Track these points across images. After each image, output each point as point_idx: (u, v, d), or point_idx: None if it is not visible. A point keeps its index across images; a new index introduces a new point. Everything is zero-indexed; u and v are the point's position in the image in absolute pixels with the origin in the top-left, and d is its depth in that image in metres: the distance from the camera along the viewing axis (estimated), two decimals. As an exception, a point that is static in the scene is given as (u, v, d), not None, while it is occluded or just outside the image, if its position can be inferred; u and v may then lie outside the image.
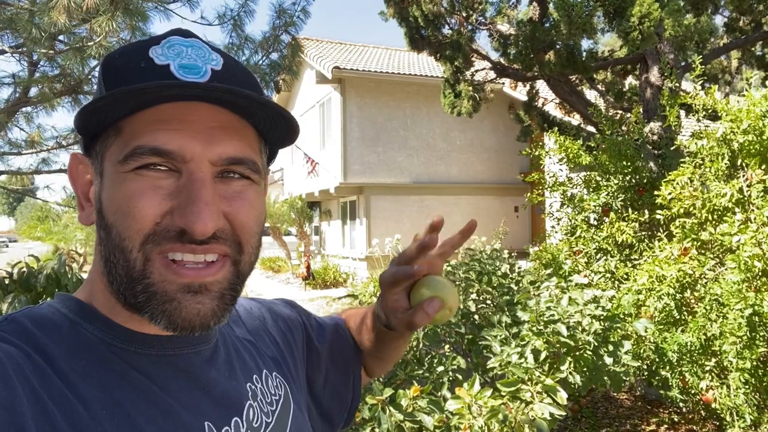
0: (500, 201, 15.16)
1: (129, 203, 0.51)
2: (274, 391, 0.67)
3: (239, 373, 0.64)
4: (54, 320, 0.53)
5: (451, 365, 2.94)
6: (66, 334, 0.52)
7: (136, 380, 0.53)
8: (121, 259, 0.51)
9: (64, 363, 0.49)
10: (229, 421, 0.58)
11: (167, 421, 0.52)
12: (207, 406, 0.57)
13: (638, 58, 5.71)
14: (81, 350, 0.51)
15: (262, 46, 4.88)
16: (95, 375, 0.50)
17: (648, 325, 2.83)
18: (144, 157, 0.51)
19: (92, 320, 0.54)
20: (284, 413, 0.67)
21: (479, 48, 6.42)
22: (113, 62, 0.56)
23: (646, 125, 5.13)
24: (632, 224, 4.10)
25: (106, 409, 0.49)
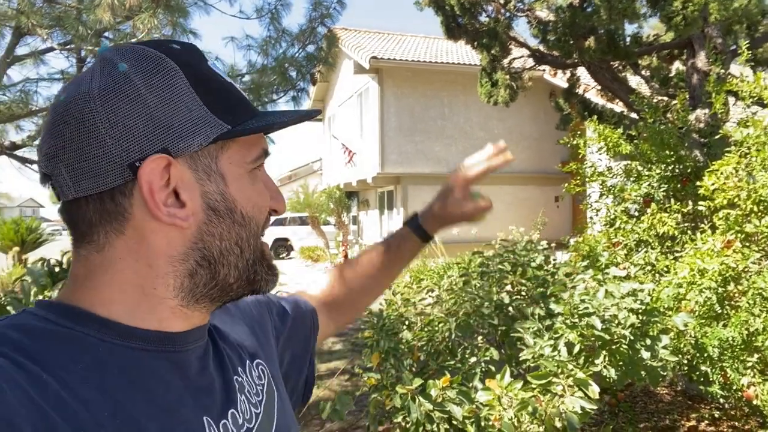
0: (540, 191, 14.91)
1: (260, 198, 0.63)
2: (257, 381, 0.69)
3: (228, 367, 0.65)
4: (40, 326, 0.52)
5: (484, 356, 2.94)
6: (57, 339, 0.51)
7: (135, 378, 0.53)
8: (253, 244, 0.62)
9: (58, 368, 0.48)
10: (227, 414, 0.60)
11: (168, 419, 0.53)
12: (205, 402, 0.58)
13: (684, 42, 5.50)
14: (75, 354, 0.51)
15: (298, 39, 4.93)
16: (93, 377, 0.50)
17: (687, 319, 2.76)
18: (263, 158, 0.63)
19: (85, 322, 0.53)
20: (269, 401, 0.69)
21: (517, 35, 6.31)
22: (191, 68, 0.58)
23: (692, 113, 4.96)
24: (674, 215, 3.98)
25: (108, 411, 0.49)
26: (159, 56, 0.56)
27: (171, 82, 0.56)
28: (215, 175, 0.58)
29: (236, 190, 0.59)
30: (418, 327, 3.12)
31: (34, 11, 3.96)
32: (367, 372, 2.90)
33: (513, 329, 3.00)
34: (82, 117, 0.53)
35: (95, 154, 0.53)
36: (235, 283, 0.61)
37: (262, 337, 0.79)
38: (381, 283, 1.07)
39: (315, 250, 17.44)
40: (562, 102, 7.21)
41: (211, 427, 0.57)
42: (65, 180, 0.54)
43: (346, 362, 5.57)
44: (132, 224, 0.55)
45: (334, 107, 18.53)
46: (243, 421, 0.62)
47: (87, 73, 0.56)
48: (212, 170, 0.58)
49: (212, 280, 0.59)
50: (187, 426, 0.55)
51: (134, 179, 0.54)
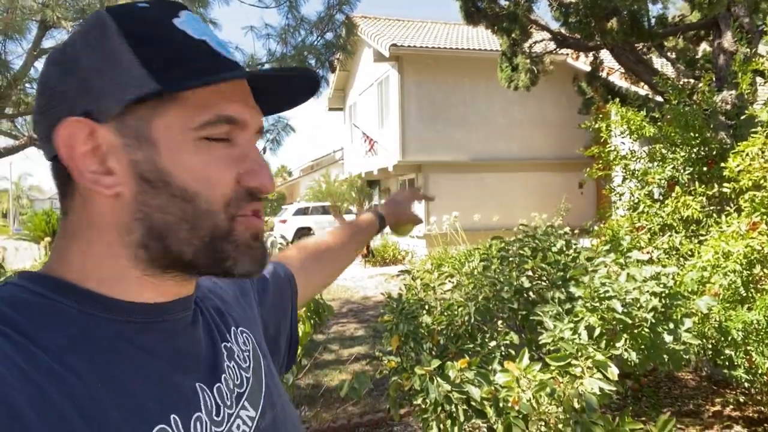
0: (563, 177, 14.71)
1: (210, 171, 0.54)
2: (244, 347, 0.69)
3: (216, 335, 0.65)
4: (25, 298, 0.51)
5: (504, 340, 2.95)
6: (43, 311, 0.50)
7: (124, 348, 0.52)
8: (207, 221, 0.54)
9: (46, 339, 0.47)
10: (220, 378, 0.60)
11: (159, 387, 0.53)
12: (197, 368, 0.58)
13: (711, 22, 5.36)
14: (62, 325, 0.50)
15: (317, 27, 4.94)
16: (81, 347, 0.49)
17: (711, 302, 2.73)
18: (219, 125, 0.55)
19: (69, 294, 0.52)
20: (257, 366, 0.69)
21: (538, 18, 6.22)
22: (139, 29, 0.54)
23: (718, 94, 4.84)
24: (699, 198, 3.91)
25: (99, 378, 0.48)
26: (103, 17, 0.54)
27: (103, 39, 0.53)
28: (145, 141, 0.53)
29: (171, 160, 0.53)
30: (438, 311, 3.13)
31: (58, 4, 4.04)
32: (387, 356, 2.93)
33: (533, 313, 3.00)
34: (43, 80, 0.56)
35: (41, 121, 0.55)
36: (195, 260, 0.55)
37: (246, 305, 0.79)
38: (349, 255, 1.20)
39: (337, 239, 17.49)
40: (585, 86, 7.10)
41: (204, 393, 0.57)
42: (41, 144, 0.57)
43: (367, 347, 5.62)
44: (78, 192, 0.55)
45: (355, 96, 18.52)
46: (234, 386, 0.62)
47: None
48: (142, 136, 0.53)
49: (167, 255, 0.55)
50: (180, 393, 0.55)
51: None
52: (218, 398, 0.58)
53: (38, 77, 0.57)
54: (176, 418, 0.52)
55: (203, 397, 0.57)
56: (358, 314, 7.70)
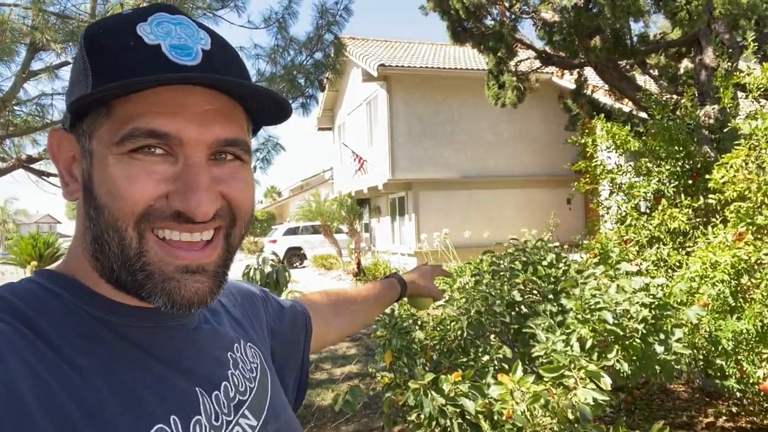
0: (552, 193, 14.84)
1: (122, 186, 0.51)
2: (252, 359, 0.70)
3: (222, 342, 0.66)
4: (39, 294, 0.53)
5: (497, 354, 2.95)
6: (54, 308, 0.52)
7: (128, 350, 0.54)
8: (116, 237, 0.52)
9: (54, 336, 0.49)
10: (219, 386, 0.61)
11: (162, 387, 0.54)
12: (197, 373, 0.59)
13: (692, 39, 5.49)
14: (70, 323, 0.51)
15: (306, 46, 5.00)
16: (87, 346, 0.51)
17: (700, 312, 2.75)
18: (140, 139, 0.51)
19: (78, 293, 0.54)
20: (263, 378, 0.70)
21: (523, 37, 6.34)
22: (98, 38, 0.54)
23: (701, 109, 4.94)
24: (686, 211, 3.97)
25: (103, 378, 0.49)
26: (85, 30, 0.56)
27: (79, 52, 0.55)
28: (87, 152, 0.55)
29: (98, 173, 0.53)
30: (430, 326, 3.13)
31: (48, 27, 4.06)
32: (381, 372, 2.91)
33: (525, 326, 3.01)
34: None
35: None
36: (124, 279, 0.54)
37: (258, 327, 0.80)
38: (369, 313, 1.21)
39: (328, 259, 17.49)
40: (571, 103, 7.21)
41: (204, 398, 0.58)
42: None
43: (360, 366, 5.58)
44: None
45: (344, 116, 18.64)
46: (235, 393, 0.63)
47: None
48: (86, 148, 0.55)
49: (105, 269, 0.55)
50: (181, 395, 0.55)
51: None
52: (216, 405, 0.59)
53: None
54: (176, 419, 0.53)
55: (203, 401, 0.57)
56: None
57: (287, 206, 31.62)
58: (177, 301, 0.53)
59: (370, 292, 1.19)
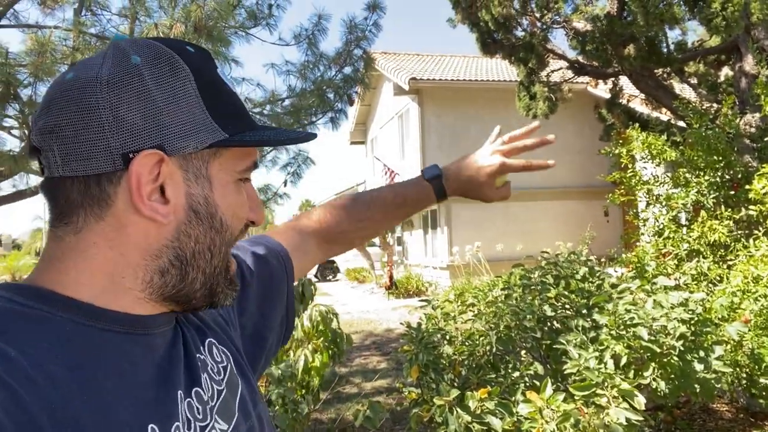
0: (587, 205, 14.54)
1: (241, 208, 0.64)
2: (219, 359, 0.69)
3: (191, 346, 0.65)
4: (6, 306, 0.51)
5: (527, 371, 2.88)
6: (24, 319, 0.51)
7: (103, 358, 0.53)
8: (224, 252, 0.63)
9: (26, 346, 0.48)
10: (191, 392, 0.60)
11: (138, 397, 0.53)
12: (174, 380, 0.58)
13: (731, 46, 5.33)
14: (41, 332, 0.50)
15: (335, 62, 5.05)
16: (60, 355, 0.49)
17: (742, 328, 2.63)
18: (251, 170, 0.65)
19: (51, 302, 0.53)
20: (232, 379, 0.69)
21: (554, 47, 6.26)
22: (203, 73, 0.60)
23: (741, 117, 4.78)
24: (726, 222, 3.82)
25: (78, 386, 0.48)
26: (172, 56, 0.58)
27: (180, 83, 0.57)
28: (203, 179, 0.60)
29: (220, 197, 0.61)
30: (459, 341, 3.08)
31: (88, 48, 4.21)
32: (408, 387, 2.88)
33: (557, 342, 2.93)
34: (86, 101, 0.53)
35: (91, 139, 0.53)
36: (200, 289, 0.61)
37: (221, 318, 0.78)
38: (382, 225, 1.10)
39: (361, 272, 17.52)
40: (605, 112, 7.07)
41: (181, 404, 0.57)
42: (55, 157, 0.54)
43: (390, 380, 5.54)
44: (113, 212, 0.55)
45: (376, 130, 18.75)
46: (207, 398, 0.62)
47: (97, 58, 0.57)
48: (201, 174, 0.59)
49: (181, 282, 0.59)
50: (159, 403, 0.55)
51: (124, 169, 0.54)
52: (188, 412, 0.58)
53: (76, 92, 0.54)
54: (154, 428, 0.52)
55: (181, 408, 0.57)
56: (381, 347, 7.62)
57: (321, 220, 31.82)
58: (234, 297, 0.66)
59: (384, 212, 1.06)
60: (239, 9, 4.82)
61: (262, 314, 0.86)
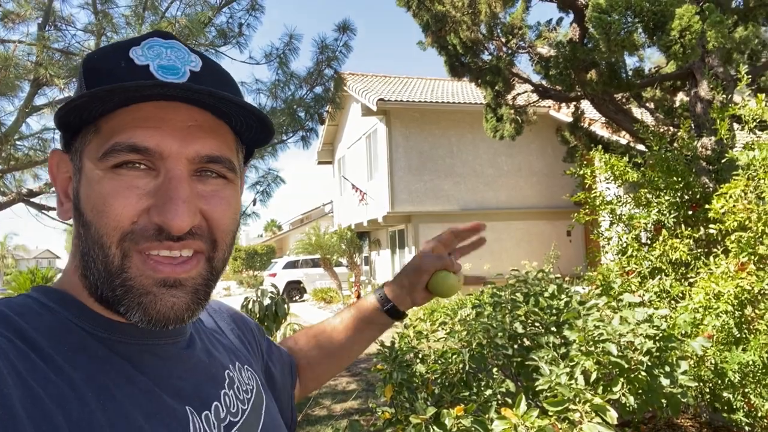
0: (552, 225, 14.87)
1: (105, 202, 0.52)
2: (247, 381, 0.69)
3: (216, 362, 0.65)
4: (33, 308, 0.53)
5: (499, 388, 2.90)
6: (47, 321, 0.52)
7: (119, 365, 0.53)
8: (100, 254, 0.53)
9: (47, 348, 0.49)
10: (209, 406, 0.59)
11: (151, 405, 0.53)
12: (188, 392, 0.58)
13: (686, 73, 5.58)
14: (63, 336, 0.52)
15: (306, 81, 5.07)
16: (79, 360, 0.50)
17: (705, 343, 2.71)
18: (122, 153, 0.52)
19: (71, 309, 0.55)
20: (258, 401, 0.69)
21: (519, 71, 6.44)
22: (93, 62, 0.56)
23: (698, 140, 4.99)
24: (686, 241, 3.96)
25: (93, 392, 0.49)
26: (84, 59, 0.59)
27: (78, 78, 0.58)
28: (77, 170, 0.56)
29: (84, 189, 0.55)
30: (432, 359, 3.08)
31: (52, 63, 4.12)
32: (381, 407, 2.85)
33: (528, 358, 2.96)
34: None
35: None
36: (106, 295, 0.54)
37: (253, 355, 0.79)
38: (344, 358, 1.01)
39: (328, 292, 17.37)
40: (568, 135, 7.28)
41: (194, 417, 0.56)
42: None
43: (360, 402, 5.48)
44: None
45: (344, 150, 18.80)
46: (226, 414, 0.61)
47: None
48: (76, 165, 0.56)
49: (90, 285, 0.55)
50: (171, 413, 0.54)
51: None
52: (205, 425, 0.58)
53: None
54: None
55: (192, 420, 0.56)
56: (350, 367, 7.54)
57: (287, 240, 31.58)
58: (152, 315, 0.53)
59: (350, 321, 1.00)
60: (210, 27, 4.81)
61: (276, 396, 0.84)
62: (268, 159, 5.24)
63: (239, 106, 0.55)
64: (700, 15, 3.77)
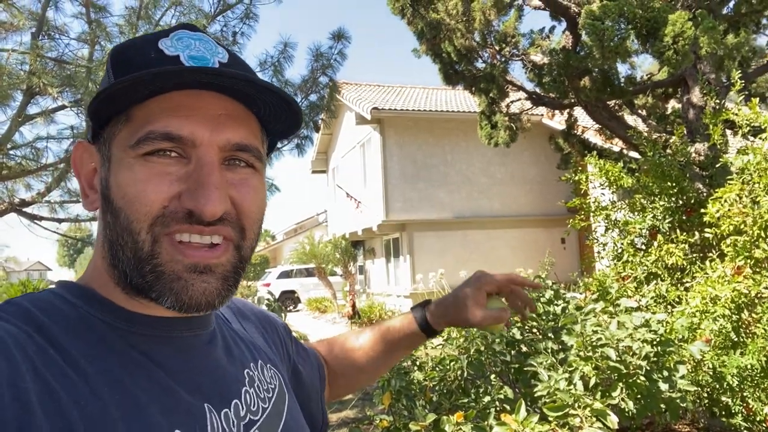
0: (547, 233, 14.90)
1: (137, 188, 0.53)
2: (269, 380, 0.69)
3: (237, 360, 0.65)
4: (54, 303, 0.53)
5: (498, 395, 2.88)
6: (67, 316, 0.52)
7: (137, 360, 0.53)
8: (129, 241, 0.53)
9: (65, 343, 0.49)
10: (229, 403, 0.59)
11: (168, 400, 0.52)
12: (207, 388, 0.58)
13: (678, 79, 5.63)
14: (82, 331, 0.52)
15: (301, 89, 5.07)
16: (97, 354, 0.50)
17: (703, 348, 2.71)
18: (156, 141, 0.53)
19: (92, 302, 0.55)
20: (280, 401, 0.68)
21: (513, 79, 6.48)
22: (123, 53, 0.57)
23: (691, 146, 5.02)
24: (682, 246, 3.97)
25: (109, 386, 0.49)
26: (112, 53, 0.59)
27: (106, 68, 0.58)
28: (107, 160, 0.56)
29: (114, 177, 0.55)
30: (430, 366, 3.07)
31: (45, 72, 4.11)
32: (379, 415, 2.83)
33: (527, 364, 2.95)
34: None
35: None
36: (136, 281, 0.54)
37: (278, 354, 0.79)
38: (379, 368, 1.00)
39: (322, 302, 17.30)
40: (562, 142, 7.31)
41: (212, 414, 0.56)
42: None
43: (356, 411, 5.44)
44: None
45: (338, 158, 18.82)
46: (246, 413, 0.61)
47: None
48: (105, 155, 0.57)
49: (118, 273, 0.55)
50: (188, 410, 0.54)
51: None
52: (224, 423, 0.57)
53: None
54: None
55: (211, 417, 0.56)
56: (345, 377, 7.48)
57: (281, 250, 31.47)
58: (185, 301, 0.53)
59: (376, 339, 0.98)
60: (204, 36, 4.80)
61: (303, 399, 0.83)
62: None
63: (270, 90, 0.56)
64: (693, 21, 3.81)
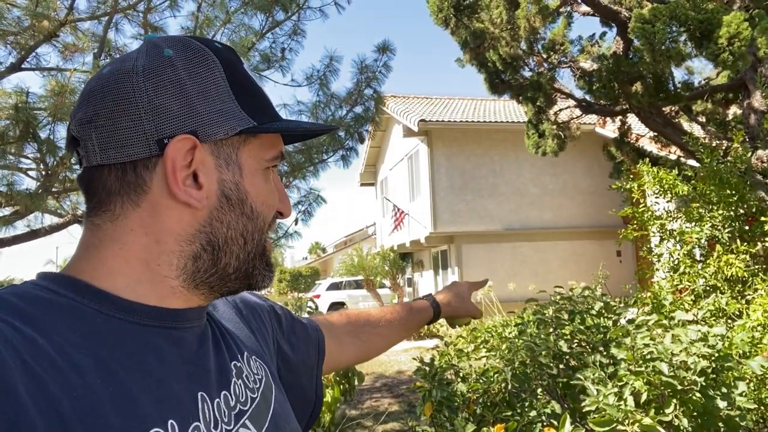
0: (599, 244, 14.43)
1: (271, 196, 0.66)
2: (256, 371, 0.70)
3: (225, 352, 0.66)
4: (41, 295, 0.53)
5: (544, 409, 2.80)
6: (55, 307, 0.52)
7: (130, 350, 0.53)
8: (257, 238, 0.64)
9: (55, 335, 0.49)
10: (219, 393, 0.60)
11: (161, 391, 0.53)
12: (199, 378, 0.58)
13: (738, 84, 5.38)
14: (72, 322, 0.51)
15: (346, 102, 5.14)
16: (88, 345, 0.50)
17: (764, 363, 2.55)
18: (280, 158, 0.67)
19: (84, 293, 0.54)
20: (267, 391, 0.69)
21: (561, 87, 6.35)
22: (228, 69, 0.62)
23: (753, 152, 4.77)
24: (743, 257, 3.76)
25: (100, 377, 0.49)
26: (203, 49, 0.61)
27: (210, 73, 0.59)
28: (234, 165, 0.61)
29: (249, 184, 0.62)
30: (473, 378, 3.01)
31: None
32: (422, 427, 2.80)
33: (574, 378, 2.85)
34: (123, 90, 0.56)
35: (128, 126, 0.55)
36: (233, 273, 0.62)
37: (263, 341, 0.80)
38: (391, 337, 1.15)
39: (371, 314, 17.28)
40: (615, 150, 7.10)
41: (205, 404, 0.57)
42: (93, 146, 0.56)
43: (402, 424, 5.40)
44: (149, 198, 0.57)
45: (386, 171, 18.92)
46: (236, 403, 0.62)
47: (133, 53, 0.60)
48: (232, 160, 0.61)
49: (213, 267, 0.60)
50: (181, 399, 0.54)
51: (159, 155, 0.56)
52: (216, 412, 0.58)
53: (113, 83, 0.57)
54: (174, 424, 0.52)
55: (203, 407, 0.56)
56: (392, 388, 7.46)
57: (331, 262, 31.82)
58: (268, 285, 0.68)
59: (395, 315, 1.15)
60: (253, 52, 4.95)
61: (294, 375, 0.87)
62: (309, 179, 5.31)
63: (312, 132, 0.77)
64: (749, 22, 3.63)
